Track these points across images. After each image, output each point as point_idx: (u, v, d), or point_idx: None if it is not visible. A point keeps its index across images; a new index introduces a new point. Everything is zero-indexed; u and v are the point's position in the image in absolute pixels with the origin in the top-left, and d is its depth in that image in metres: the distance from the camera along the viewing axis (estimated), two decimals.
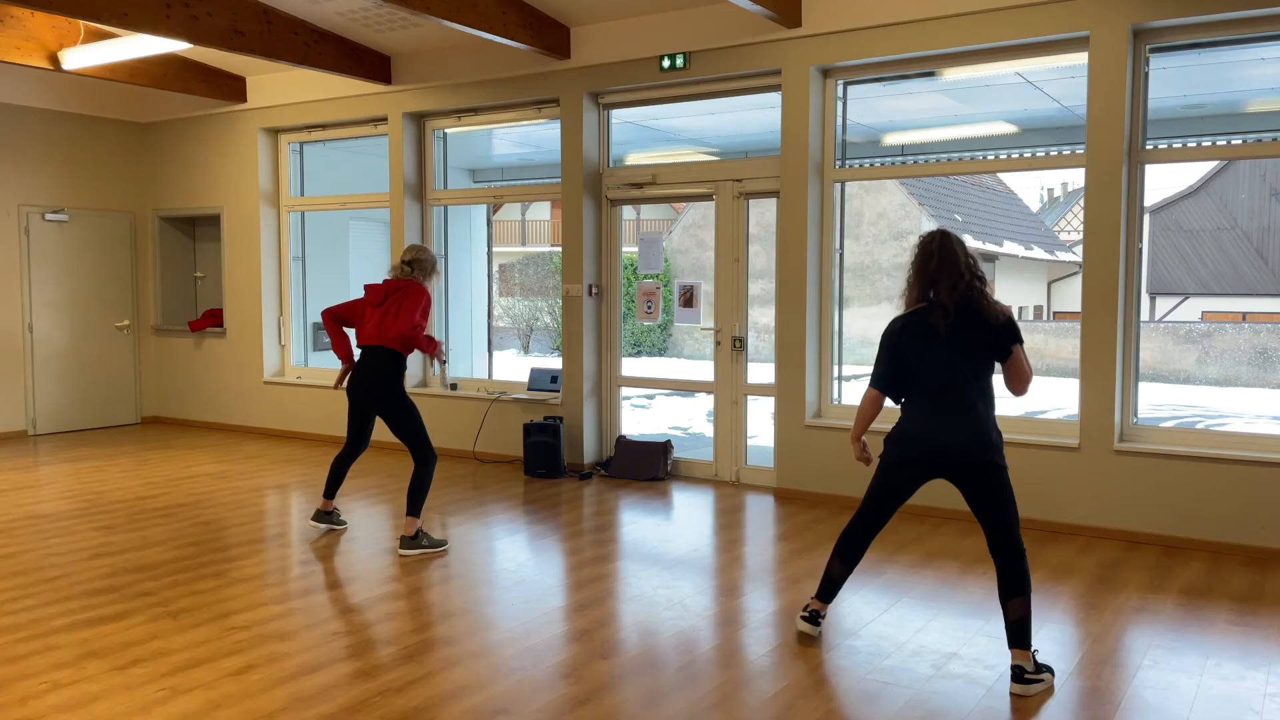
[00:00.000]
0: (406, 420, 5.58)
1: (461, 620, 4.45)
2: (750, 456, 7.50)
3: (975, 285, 3.81)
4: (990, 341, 3.83)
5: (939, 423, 3.86)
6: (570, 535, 6.02)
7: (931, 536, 5.89)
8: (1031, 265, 25.01)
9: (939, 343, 3.82)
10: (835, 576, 4.19)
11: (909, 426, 3.94)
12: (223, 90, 9.23)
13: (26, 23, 7.68)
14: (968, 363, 3.83)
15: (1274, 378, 17.45)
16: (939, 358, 3.83)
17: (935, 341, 3.82)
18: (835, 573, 4.18)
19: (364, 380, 5.61)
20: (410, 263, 5.69)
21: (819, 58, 6.62)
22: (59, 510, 6.52)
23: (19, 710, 3.49)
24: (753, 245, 7.57)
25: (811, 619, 4.23)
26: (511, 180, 10.98)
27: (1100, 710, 3.54)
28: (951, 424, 3.84)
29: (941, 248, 3.84)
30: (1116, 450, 5.85)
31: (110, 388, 10.20)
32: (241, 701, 3.56)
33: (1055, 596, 4.79)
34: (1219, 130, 7.34)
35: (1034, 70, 6.53)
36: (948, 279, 3.79)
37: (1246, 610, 4.59)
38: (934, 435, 3.87)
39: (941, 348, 3.82)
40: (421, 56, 8.32)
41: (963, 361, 3.83)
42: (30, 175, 9.49)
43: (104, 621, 4.38)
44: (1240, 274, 22.93)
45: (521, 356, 21.37)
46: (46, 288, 9.65)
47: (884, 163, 7.72)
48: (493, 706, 3.55)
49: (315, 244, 9.89)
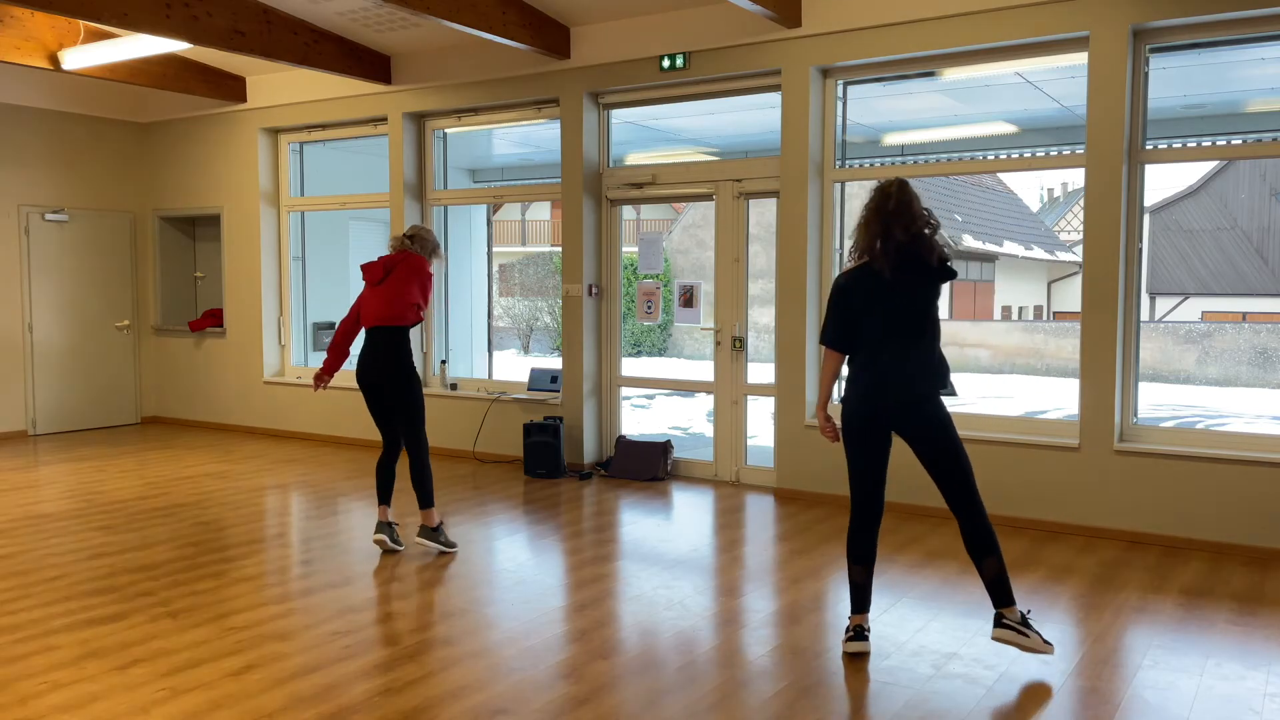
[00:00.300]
0: (413, 403, 5.45)
1: (461, 620, 4.45)
2: (750, 456, 7.50)
3: (926, 230, 3.96)
4: (933, 281, 4.00)
5: (895, 367, 3.97)
6: (570, 535, 6.02)
7: (931, 536, 5.89)
8: (1031, 265, 25.02)
9: (885, 290, 3.94)
10: (859, 581, 4.09)
11: (866, 380, 4.01)
12: (223, 90, 9.23)
13: (26, 23, 7.68)
14: (914, 306, 3.98)
15: (1274, 378, 17.45)
16: (887, 306, 3.96)
17: (882, 290, 3.94)
18: (858, 577, 4.09)
19: (375, 363, 5.43)
20: (411, 237, 5.53)
21: (819, 58, 6.62)
22: (59, 510, 6.52)
23: (19, 710, 3.49)
24: (753, 245, 7.57)
25: (858, 635, 4.06)
26: (511, 180, 10.98)
27: (1100, 710, 3.54)
28: (906, 368, 3.97)
29: (900, 190, 3.97)
30: (1116, 450, 5.85)
31: (110, 388, 10.20)
32: (241, 701, 3.56)
33: (1055, 596, 4.79)
34: (1219, 130, 7.33)
35: (1034, 70, 6.53)
36: (901, 220, 3.92)
37: (1246, 610, 4.59)
38: (892, 379, 3.97)
39: (889, 295, 3.95)
40: (421, 56, 8.32)
41: (909, 305, 3.97)
42: (30, 175, 9.49)
43: (104, 621, 4.38)
44: (1240, 274, 22.93)
45: (521, 356, 21.36)
46: (46, 288, 9.65)
47: (884, 163, 7.71)
48: (493, 706, 3.55)
49: (315, 244, 9.89)
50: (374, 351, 5.45)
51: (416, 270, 5.43)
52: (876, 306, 3.96)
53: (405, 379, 5.43)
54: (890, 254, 3.91)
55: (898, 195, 3.95)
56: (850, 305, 4.01)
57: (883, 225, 3.94)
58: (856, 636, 4.05)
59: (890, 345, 3.97)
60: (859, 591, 4.10)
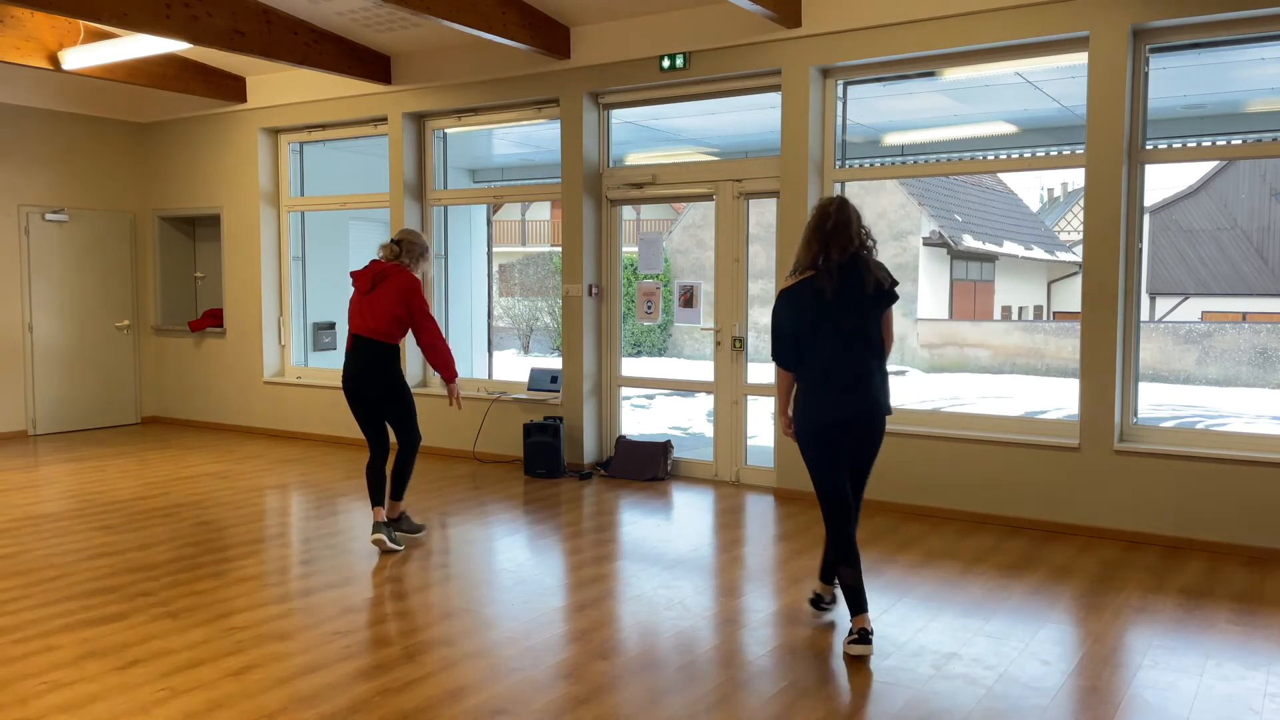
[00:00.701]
0: (403, 404, 5.58)
1: (461, 620, 4.45)
2: (750, 456, 7.50)
3: (863, 249, 4.08)
4: (873, 300, 4.07)
5: (838, 386, 4.07)
6: (570, 535, 6.02)
7: (931, 536, 5.89)
8: (1031, 265, 25.02)
9: (827, 306, 4.03)
10: (851, 583, 4.08)
11: (811, 399, 4.11)
12: (223, 90, 9.23)
13: (26, 23, 7.68)
14: (855, 323, 4.06)
15: (1274, 378, 17.46)
16: (830, 322, 4.04)
17: (824, 306, 4.03)
18: (848, 579, 4.09)
19: (357, 371, 5.51)
20: (399, 242, 5.58)
21: (819, 58, 6.62)
22: (59, 510, 6.52)
23: (19, 710, 3.49)
24: (753, 245, 7.57)
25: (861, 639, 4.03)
26: (511, 180, 10.99)
27: (1100, 710, 3.54)
28: (849, 385, 4.07)
29: (839, 210, 4.08)
30: (1116, 450, 5.85)
31: (110, 388, 10.20)
32: (241, 701, 3.56)
33: (1055, 596, 4.79)
34: (1219, 130, 7.34)
35: (1034, 70, 6.53)
36: (839, 240, 4.02)
37: (1246, 610, 4.59)
38: (835, 400, 4.07)
39: (831, 311, 4.03)
40: (421, 56, 8.32)
41: (851, 322, 4.05)
42: (30, 175, 9.49)
43: (104, 621, 4.38)
44: (1240, 274, 22.94)
45: (521, 356, 21.37)
46: (46, 288, 9.65)
47: (884, 163, 7.72)
48: (493, 706, 3.55)
49: (315, 244, 9.89)
50: (360, 360, 5.51)
51: (403, 291, 5.45)
52: (821, 324, 4.05)
53: (397, 389, 5.56)
54: (831, 273, 4.01)
55: (836, 215, 4.06)
56: (795, 322, 4.11)
57: (821, 244, 4.04)
58: (860, 640, 4.03)
59: (836, 364, 4.06)
60: (853, 594, 4.10)
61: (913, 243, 20.63)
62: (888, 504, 6.55)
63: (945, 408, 11.69)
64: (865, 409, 4.08)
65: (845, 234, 4.02)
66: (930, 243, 20.90)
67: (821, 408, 4.07)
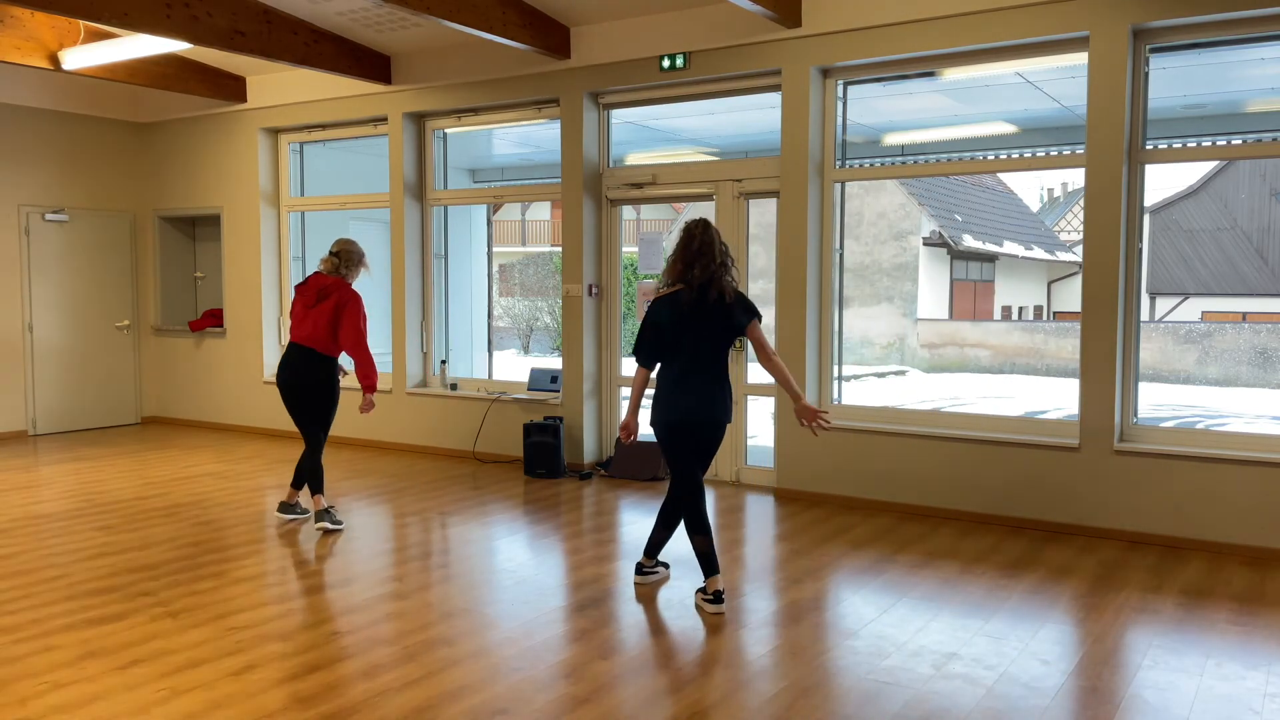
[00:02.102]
0: (325, 405, 6.05)
1: (461, 620, 4.46)
2: (750, 456, 7.50)
3: (721, 270, 4.52)
4: (726, 316, 4.56)
5: (686, 387, 4.59)
6: (570, 535, 6.02)
7: (931, 536, 5.89)
8: (1031, 265, 25.01)
9: (687, 318, 4.54)
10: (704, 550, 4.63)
11: (665, 395, 4.64)
12: (223, 90, 9.23)
13: (26, 23, 7.68)
14: (708, 335, 4.56)
15: (1274, 378, 17.45)
16: (687, 331, 4.55)
17: (684, 317, 4.54)
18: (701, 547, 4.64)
19: (291, 376, 5.99)
20: (338, 254, 6.04)
21: (819, 58, 6.62)
22: (59, 510, 6.52)
23: (19, 710, 3.49)
24: (753, 245, 7.58)
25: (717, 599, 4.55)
26: (511, 180, 10.98)
27: (1100, 710, 3.54)
28: (695, 388, 4.59)
29: (704, 233, 4.54)
30: (1116, 450, 5.85)
31: (110, 388, 10.20)
32: (241, 701, 3.56)
33: (1055, 596, 4.79)
34: (1219, 130, 7.34)
35: (1034, 70, 6.53)
36: (702, 260, 4.49)
37: (1246, 610, 4.59)
38: (683, 400, 4.59)
39: (689, 322, 4.54)
40: (421, 56, 8.32)
41: (704, 334, 4.55)
42: (30, 175, 9.49)
43: (104, 621, 4.38)
44: (1240, 274, 22.93)
45: (521, 356, 21.36)
46: (46, 288, 9.65)
47: (884, 163, 7.72)
48: (493, 706, 3.55)
49: (315, 244, 9.88)
50: (295, 364, 5.98)
51: (345, 310, 5.90)
52: (680, 333, 4.55)
53: (326, 390, 6.03)
54: (693, 288, 4.51)
55: (701, 236, 4.53)
56: (659, 328, 4.58)
57: (686, 263, 4.52)
58: (715, 600, 4.54)
59: (689, 369, 4.57)
60: (706, 559, 4.63)
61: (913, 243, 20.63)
62: (888, 504, 6.55)
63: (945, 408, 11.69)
64: (706, 416, 4.59)
65: (709, 253, 4.50)
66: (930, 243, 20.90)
67: (673, 408, 4.61)
